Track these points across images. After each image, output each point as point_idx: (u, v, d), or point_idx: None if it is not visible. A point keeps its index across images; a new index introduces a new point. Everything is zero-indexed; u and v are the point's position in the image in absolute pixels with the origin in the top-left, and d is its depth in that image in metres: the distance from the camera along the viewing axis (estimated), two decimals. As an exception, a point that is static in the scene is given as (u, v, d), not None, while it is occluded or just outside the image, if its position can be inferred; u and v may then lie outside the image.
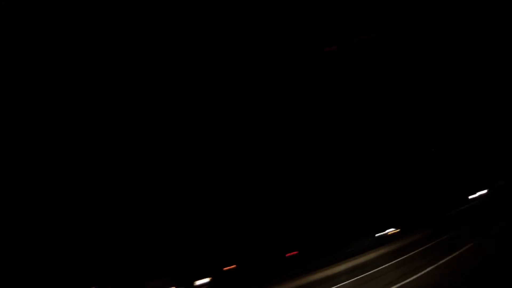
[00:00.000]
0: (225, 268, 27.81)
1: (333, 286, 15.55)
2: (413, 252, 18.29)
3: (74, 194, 21.17)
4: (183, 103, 23.01)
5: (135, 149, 22.86)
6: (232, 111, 24.89)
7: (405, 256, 17.77)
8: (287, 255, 30.04)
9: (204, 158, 25.60)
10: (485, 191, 34.04)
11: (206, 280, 26.32)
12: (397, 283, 12.14)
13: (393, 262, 17.25)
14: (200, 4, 18.26)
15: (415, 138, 34.11)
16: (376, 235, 30.85)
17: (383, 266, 16.82)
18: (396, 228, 31.21)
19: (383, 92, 27.84)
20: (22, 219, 19.18)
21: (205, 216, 26.30)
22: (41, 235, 19.82)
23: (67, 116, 20.11)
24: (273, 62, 22.29)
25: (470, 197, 34.16)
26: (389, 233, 30.94)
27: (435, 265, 13.22)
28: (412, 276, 12.54)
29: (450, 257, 13.85)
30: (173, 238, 25.55)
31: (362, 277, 15.56)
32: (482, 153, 34.77)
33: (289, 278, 21.75)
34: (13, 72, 17.10)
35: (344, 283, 15.49)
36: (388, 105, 29.50)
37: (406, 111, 31.16)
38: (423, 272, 12.63)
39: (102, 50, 18.72)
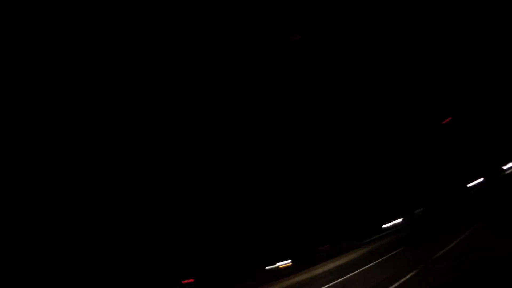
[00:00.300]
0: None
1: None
2: None
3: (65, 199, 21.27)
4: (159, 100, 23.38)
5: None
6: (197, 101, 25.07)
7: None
8: (183, 282, 26.49)
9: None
10: (400, 220, 31.29)
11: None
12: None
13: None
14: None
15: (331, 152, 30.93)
16: (266, 267, 27.90)
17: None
18: (290, 260, 28.41)
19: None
20: (22, 221, 19.24)
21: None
22: (39, 237, 19.77)
23: (67, 116, 20.29)
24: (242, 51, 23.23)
25: (384, 226, 31.14)
26: (281, 266, 28.00)
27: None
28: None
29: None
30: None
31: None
32: (401, 178, 32.29)
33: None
34: (13, 72, 17.33)
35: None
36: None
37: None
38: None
39: (102, 50, 19.23)
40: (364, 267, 17.44)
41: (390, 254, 19.38)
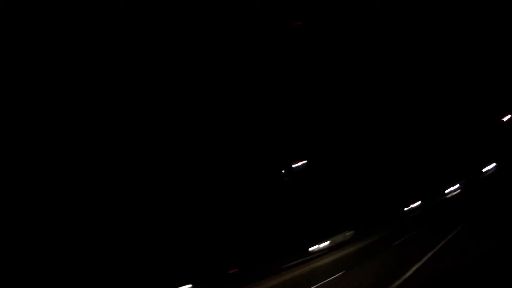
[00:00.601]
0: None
1: None
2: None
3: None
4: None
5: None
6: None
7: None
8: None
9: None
10: (327, 243, 27.36)
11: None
12: None
13: None
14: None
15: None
16: None
17: None
18: (191, 285, 24.99)
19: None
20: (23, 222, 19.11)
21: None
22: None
23: (67, 116, 20.41)
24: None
25: (311, 248, 26.93)
26: None
27: None
28: None
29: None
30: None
31: None
32: (329, 197, 28.93)
33: None
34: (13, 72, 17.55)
35: None
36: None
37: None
38: None
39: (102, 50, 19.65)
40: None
41: (328, 280, 15.50)
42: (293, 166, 28.95)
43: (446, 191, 27.45)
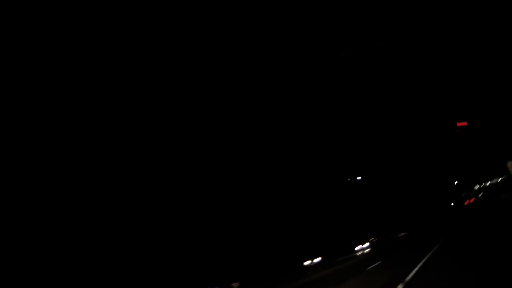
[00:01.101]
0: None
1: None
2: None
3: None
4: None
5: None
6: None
7: None
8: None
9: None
10: None
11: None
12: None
13: None
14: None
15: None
16: None
17: None
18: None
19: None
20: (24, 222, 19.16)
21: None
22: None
23: (67, 116, 20.14)
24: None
25: None
26: None
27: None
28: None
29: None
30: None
31: None
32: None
33: None
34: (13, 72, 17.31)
35: None
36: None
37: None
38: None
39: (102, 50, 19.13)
40: None
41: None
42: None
43: (356, 248, 26.14)
